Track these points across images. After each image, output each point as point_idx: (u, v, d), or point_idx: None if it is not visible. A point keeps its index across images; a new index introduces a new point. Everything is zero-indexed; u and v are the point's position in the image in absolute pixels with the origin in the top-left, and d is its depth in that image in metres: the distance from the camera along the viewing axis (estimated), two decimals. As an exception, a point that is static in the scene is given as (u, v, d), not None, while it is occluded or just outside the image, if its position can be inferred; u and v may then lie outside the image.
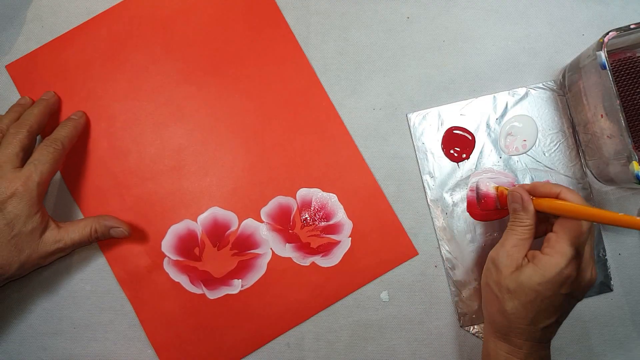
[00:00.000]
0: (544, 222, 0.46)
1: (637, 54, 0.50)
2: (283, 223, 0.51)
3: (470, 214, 0.52)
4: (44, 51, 0.52)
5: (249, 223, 0.51)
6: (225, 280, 0.51)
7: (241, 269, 0.51)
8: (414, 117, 0.53)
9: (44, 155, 0.45)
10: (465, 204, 0.52)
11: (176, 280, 0.51)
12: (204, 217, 0.51)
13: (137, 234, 0.51)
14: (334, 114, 0.52)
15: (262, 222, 0.51)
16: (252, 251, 0.51)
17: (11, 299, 0.51)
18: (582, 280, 0.42)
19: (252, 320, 0.51)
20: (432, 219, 0.52)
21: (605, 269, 0.52)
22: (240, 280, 0.51)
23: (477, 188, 0.51)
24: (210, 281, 0.51)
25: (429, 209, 0.52)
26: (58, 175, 0.52)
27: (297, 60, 0.53)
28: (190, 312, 0.50)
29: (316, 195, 0.51)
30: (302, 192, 0.51)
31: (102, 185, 0.51)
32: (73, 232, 0.47)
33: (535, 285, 0.41)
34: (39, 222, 0.44)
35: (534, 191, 0.45)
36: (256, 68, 0.52)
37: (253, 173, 0.52)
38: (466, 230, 0.52)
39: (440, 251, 0.52)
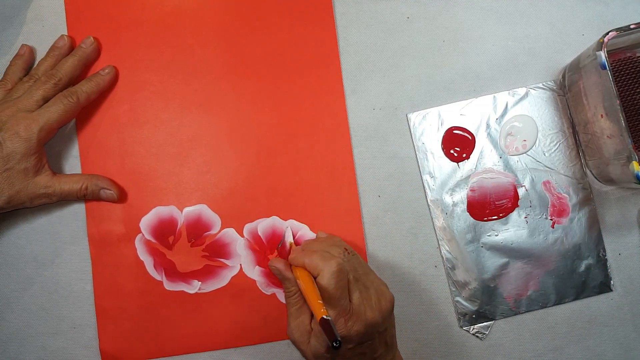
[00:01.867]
0: None
1: (637, 54, 0.50)
2: (261, 245, 0.51)
3: (471, 214, 0.52)
4: None
5: (230, 233, 0.51)
6: (186, 277, 0.51)
7: (205, 273, 0.51)
8: (414, 117, 0.53)
9: (56, 105, 0.47)
10: (465, 204, 0.52)
11: (141, 258, 0.51)
12: (190, 210, 0.51)
13: (123, 202, 0.51)
14: (350, 160, 0.52)
15: (242, 236, 0.51)
16: (222, 260, 0.51)
17: (11, 299, 0.51)
18: (363, 322, 0.41)
19: (197, 324, 0.50)
20: (432, 219, 0.52)
21: (605, 269, 0.51)
22: (200, 282, 0.51)
23: (285, 236, 0.51)
24: (172, 273, 0.51)
25: (429, 209, 0.52)
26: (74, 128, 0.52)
27: (333, 82, 0.52)
28: (143, 293, 0.50)
29: (302, 231, 0.51)
30: (293, 224, 0.51)
31: (108, 144, 0.51)
32: (65, 183, 0.48)
33: (324, 354, 0.41)
34: (33, 164, 0.47)
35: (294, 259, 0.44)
36: (293, 82, 0.52)
37: (252, 188, 0.51)
38: (466, 230, 0.52)
39: (440, 251, 0.52)
